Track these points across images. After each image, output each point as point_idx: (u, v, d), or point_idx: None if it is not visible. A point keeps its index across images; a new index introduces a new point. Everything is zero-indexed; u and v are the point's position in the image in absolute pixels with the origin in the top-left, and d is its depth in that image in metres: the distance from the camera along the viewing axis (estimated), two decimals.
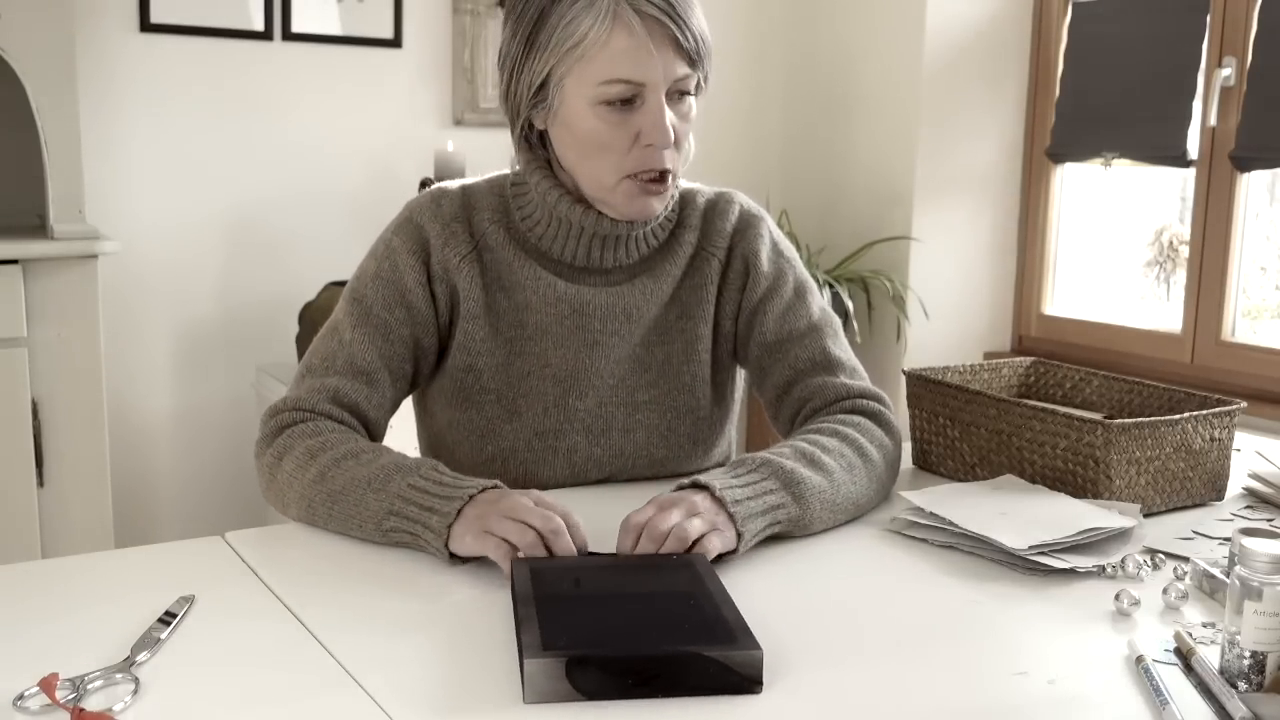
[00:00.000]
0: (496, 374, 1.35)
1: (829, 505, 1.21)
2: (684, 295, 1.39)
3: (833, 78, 3.46)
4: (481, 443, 1.36)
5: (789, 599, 1.06)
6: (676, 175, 1.29)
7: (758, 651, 0.86)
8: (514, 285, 1.34)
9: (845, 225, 3.42)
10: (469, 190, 1.37)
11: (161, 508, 2.97)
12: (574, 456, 1.37)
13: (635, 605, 0.98)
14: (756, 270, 1.39)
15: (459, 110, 3.14)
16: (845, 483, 1.23)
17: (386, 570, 1.11)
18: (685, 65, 1.23)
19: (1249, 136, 2.80)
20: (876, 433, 1.32)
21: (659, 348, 1.38)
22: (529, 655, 0.84)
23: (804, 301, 1.41)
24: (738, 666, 0.85)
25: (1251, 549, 0.89)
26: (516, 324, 1.35)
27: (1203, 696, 0.88)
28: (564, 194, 1.31)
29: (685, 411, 1.40)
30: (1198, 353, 2.96)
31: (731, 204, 1.41)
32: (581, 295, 1.34)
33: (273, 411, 1.29)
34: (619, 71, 1.21)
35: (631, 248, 1.35)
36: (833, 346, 1.40)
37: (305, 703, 0.84)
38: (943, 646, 0.97)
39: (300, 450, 1.23)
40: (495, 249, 1.34)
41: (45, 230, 2.43)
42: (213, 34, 2.84)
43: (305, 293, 2.92)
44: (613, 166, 1.26)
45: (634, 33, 1.20)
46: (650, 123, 1.23)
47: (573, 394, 1.36)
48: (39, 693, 0.82)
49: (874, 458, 1.29)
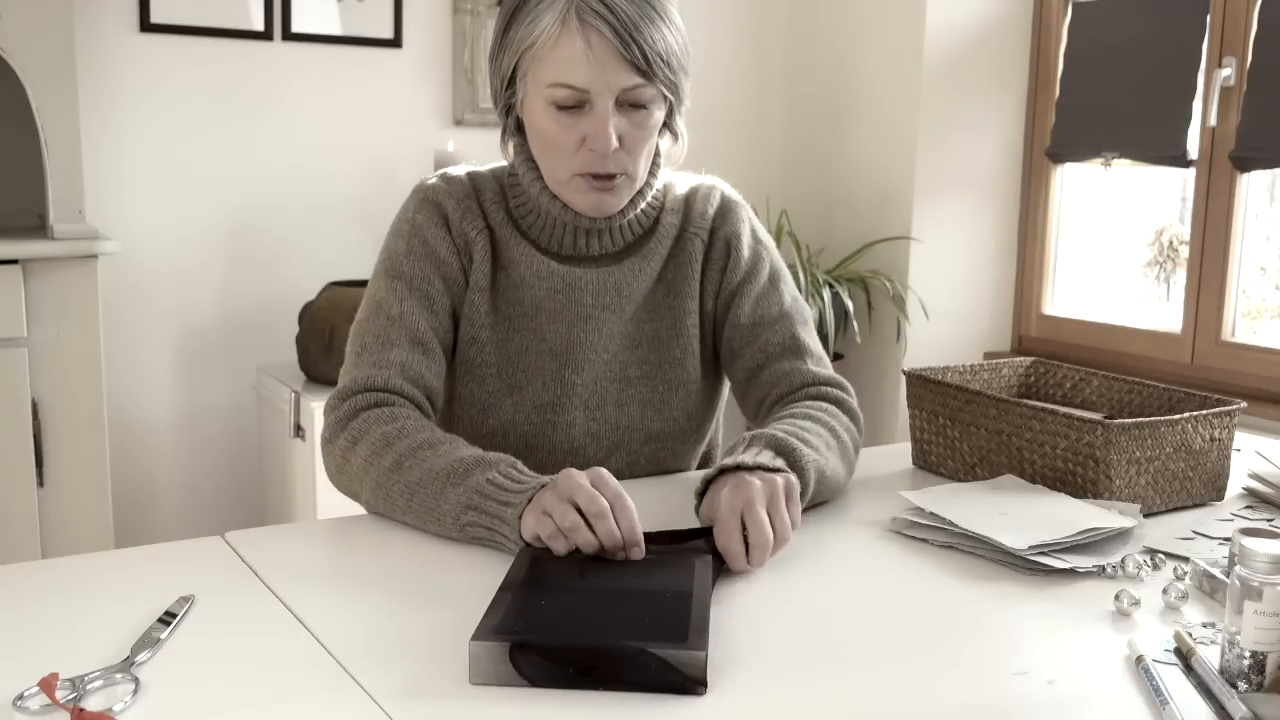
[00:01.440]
0: (497, 348, 1.39)
1: (819, 475, 1.25)
2: (670, 274, 1.44)
3: (833, 78, 3.46)
4: (483, 416, 1.40)
5: (788, 599, 1.06)
6: (633, 177, 1.33)
7: (701, 652, 0.86)
8: (511, 263, 1.39)
9: (845, 225, 3.42)
10: (473, 174, 1.43)
11: (161, 508, 2.97)
12: (572, 431, 1.41)
13: (610, 599, 0.98)
14: (738, 253, 1.44)
15: (459, 110, 3.14)
16: (829, 460, 1.29)
17: (386, 570, 1.11)
18: (635, 76, 1.26)
19: (1249, 136, 2.80)
20: (843, 419, 1.38)
21: (648, 324, 1.43)
22: (475, 637, 0.86)
23: (777, 288, 1.46)
24: (680, 665, 0.85)
25: (1251, 549, 0.89)
26: (515, 300, 1.39)
27: (1203, 696, 0.88)
28: (544, 187, 1.36)
29: (677, 385, 1.44)
30: (1198, 353, 2.96)
31: (713, 189, 1.47)
32: (573, 273, 1.39)
33: (342, 395, 1.31)
34: (562, 76, 1.26)
35: (616, 236, 1.40)
36: (802, 333, 1.45)
37: (305, 703, 0.84)
38: (943, 646, 0.97)
39: (375, 436, 1.24)
40: (497, 228, 1.39)
41: (45, 230, 2.43)
42: (213, 34, 2.85)
43: (305, 293, 2.92)
44: (563, 164, 1.31)
45: (577, 41, 1.24)
46: (593, 129, 1.27)
47: (569, 368, 1.40)
48: (39, 693, 0.82)
49: (846, 441, 1.35)
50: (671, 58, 1.28)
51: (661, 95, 1.29)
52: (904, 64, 3.22)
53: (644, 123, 1.30)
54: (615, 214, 1.37)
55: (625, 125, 1.29)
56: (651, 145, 1.34)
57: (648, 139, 1.32)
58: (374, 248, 3.07)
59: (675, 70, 1.29)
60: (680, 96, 1.33)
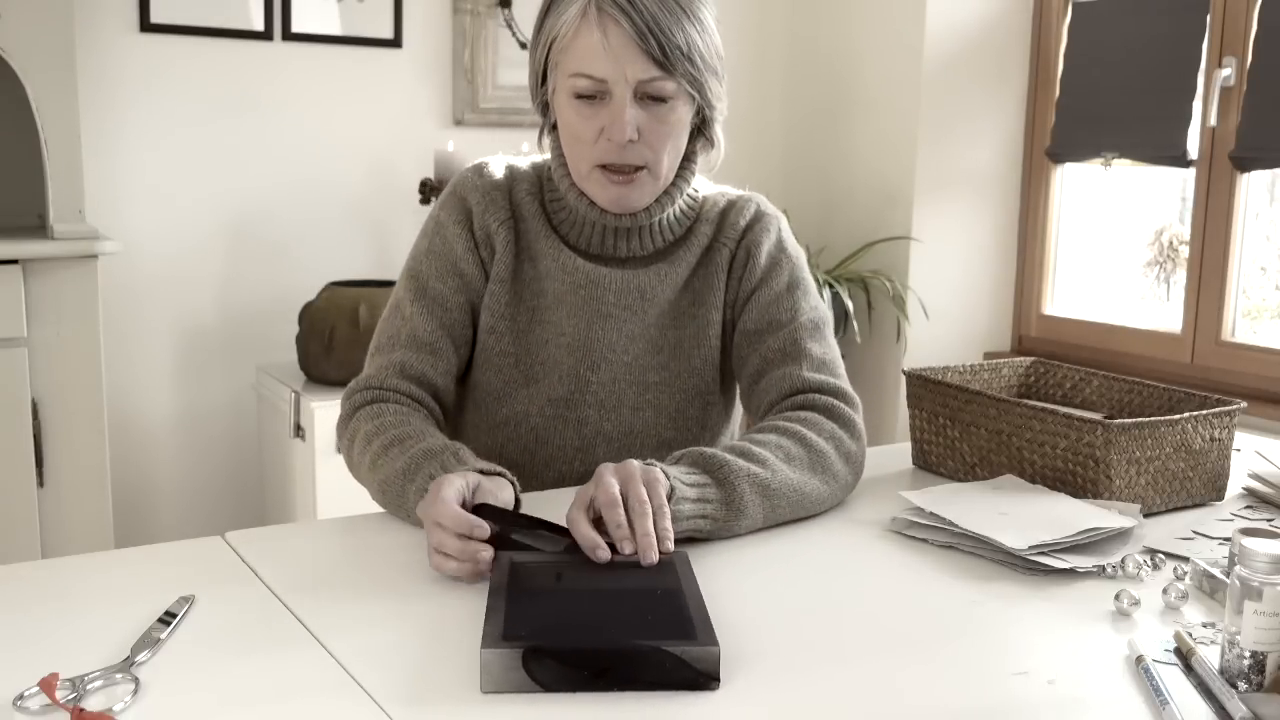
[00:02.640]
0: (517, 339, 1.41)
1: (762, 489, 1.19)
2: (697, 283, 1.43)
3: (833, 78, 3.46)
4: (497, 405, 1.42)
5: (788, 599, 1.06)
6: (655, 172, 1.33)
7: (714, 647, 0.86)
8: (539, 255, 1.40)
9: (845, 225, 3.42)
10: (513, 166, 1.44)
11: (161, 508, 2.97)
12: (584, 429, 1.41)
13: (604, 600, 0.98)
14: (755, 261, 1.42)
15: (459, 110, 3.14)
16: (783, 470, 1.22)
17: (386, 570, 1.11)
18: (652, 68, 1.27)
19: (1249, 136, 2.80)
20: (826, 425, 1.31)
21: (672, 331, 1.42)
22: (486, 645, 0.86)
23: (792, 296, 1.42)
24: (693, 661, 0.85)
25: (1251, 549, 0.89)
26: (538, 292, 1.40)
27: (1203, 696, 0.88)
28: (572, 185, 1.38)
29: (695, 395, 1.43)
30: (1198, 353, 2.96)
31: (749, 203, 1.46)
32: (598, 271, 1.39)
33: (348, 393, 1.37)
34: (582, 66, 1.28)
35: (646, 240, 1.40)
36: (806, 339, 1.39)
37: (305, 703, 0.85)
38: (943, 646, 0.97)
39: (362, 435, 1.29)
40: (528, 219, 1.41)
41: (45, 230, 2.43)
42: (213, 34, 2.84)
43: (305, 293, 2.92)
44: (584, 156, 1.33)
45: (595, 32, 1.26)
46: (610, 118, 1.29)
47: (585, 365, 1.40)
48: (39, 693, 0.82)
49: (821, 448, 1.27)
50: (695, 54, 1.28)
51: (685, 92, 1.30)
52: (904, 64, 3.22)
53: (665, 117, 1.30)
54: (640, 212, 1.37)
55: (645, 118, 1.29)
56: (677, 143, 1.34)
57: (670, 135, 1.32)
58: (374, 248, 3.09)
59: (700, 68, 1.29)
60: (708, 96, 1.33)
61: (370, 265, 3.06)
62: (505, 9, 3.14)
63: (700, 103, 1.33)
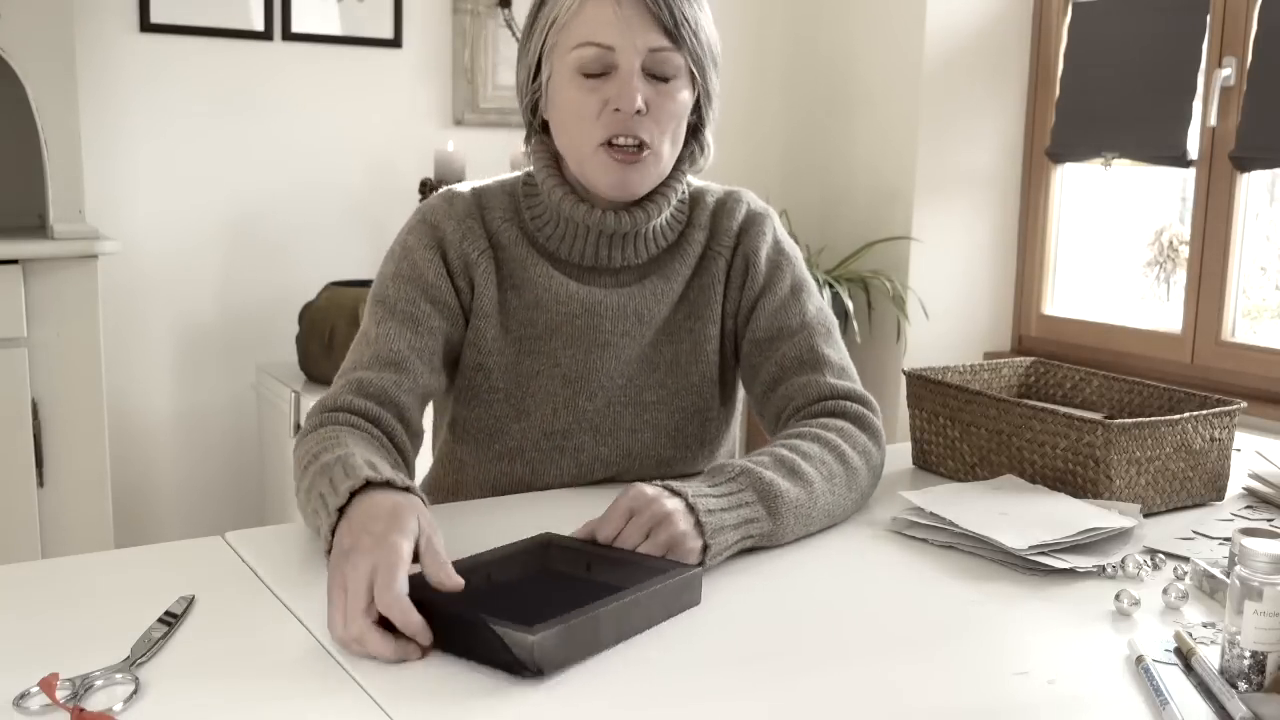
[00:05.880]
0: (505, 373, 1.35)
1: (803, 519, 1.19)
2: (693, 295, 1.39)
3: (833, 77, 3.46)
4: (489, 441, 1.37)
5: (787, 599, 1.06)
6: (658, 154, 1.29)
7: (531, 635, 0.85)
8: (525, 284, 1.35)
9: (845, 225, 3.42)
10: (480, 191, 1.38)
11: (161, 508, 2.97)
12: (580, 456, 1.37)
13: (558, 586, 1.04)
14: (755, 268, 1.39)
15: (459, 110, 3.14)
16: (824, 494, 1.21)
17: None
18: (662, 37, 1.25)
19: (1249, 136, 2.80)
20: (860, 438, 1.30)
21: (667, 347, 1.39)
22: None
23: (798, 300, 1.40)
24: (511, 644, 0.86)
25: (1251, 549, 0.89)
26: (527, 323, 1.35)
27: (1203, 696, 0.88)
28: (569, 192, 1.33)
29: (693, 412, 1.40)
30: (1198, 353, 2.96)
31: (739, 203, 1.42)
32: (593, 296, 1.34)
33: (307, 416, 1.26)
34: (588, 34, 1.25)
35: (640, 247, 1.36)
36: (822, 345, 1.38)
37: (305, 703, 0.84)
38: (943, 646, 0.97)
39: (298, 462, 1.19)
40: (508, 247, 1.35)
41: (45, 230, 2.43)
42: (213, 34, 2.85)
43: (305, 293, 2.92)
44: (587, 135, 1.27)
45: (606, 1, 1.24)
46: (617, 88, 1.25)
47: (582, 395, 1.36)
48: (39, 693, 0.82)
49: (856, 464, 1.27)
50: (700, 31, 1.27)
51: (688, 71, 1.28)
52: (904, 64, 3.22)
53: (671, 94, 1.27)
54: (636, 212, 1.32)
55: (651, 93, 1.26)
56: (678, 130, 1.31)
57: (674, 115, 1.29)
58: (374, 248, 3.09)
59: (703, 49, 1.28)
60: (708, 83, 1.31)
61: (370, 265, 3.06)
62: (505, 9, 3.14)
63: (699, 89, 1.31)
